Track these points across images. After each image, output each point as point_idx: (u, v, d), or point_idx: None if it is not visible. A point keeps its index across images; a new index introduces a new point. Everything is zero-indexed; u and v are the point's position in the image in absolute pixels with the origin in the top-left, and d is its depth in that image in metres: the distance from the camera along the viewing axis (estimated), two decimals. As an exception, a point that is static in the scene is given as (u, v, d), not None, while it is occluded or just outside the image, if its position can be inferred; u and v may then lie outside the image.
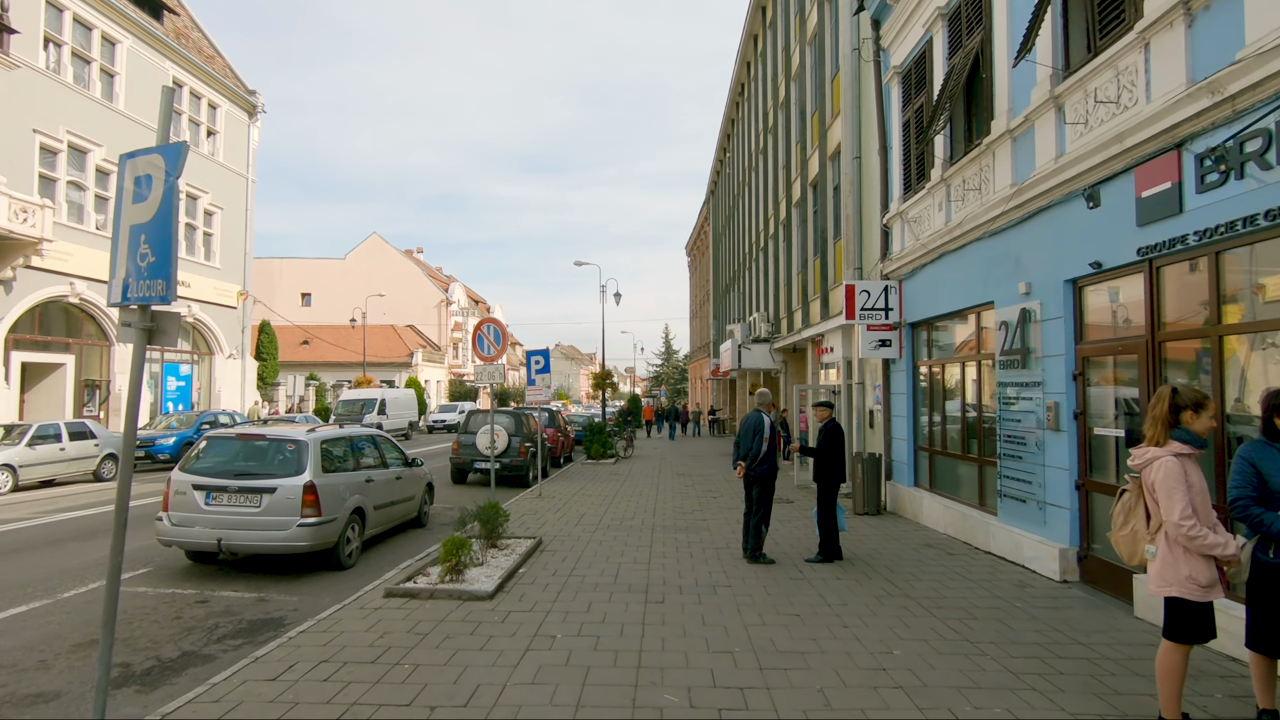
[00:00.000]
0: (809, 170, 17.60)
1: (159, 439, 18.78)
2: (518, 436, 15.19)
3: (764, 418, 7.85)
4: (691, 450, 25.44)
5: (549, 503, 12.07)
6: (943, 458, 9.98)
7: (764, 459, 7.68)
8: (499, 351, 9.16)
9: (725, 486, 14.57)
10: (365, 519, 8.09)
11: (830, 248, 15.64)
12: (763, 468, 7.69)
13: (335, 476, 7.58)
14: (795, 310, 19.37)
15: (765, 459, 7.69)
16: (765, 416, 7.87)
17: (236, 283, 29.64)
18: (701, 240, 52.78)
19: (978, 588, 6.57)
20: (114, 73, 23.18)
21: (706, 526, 9.87)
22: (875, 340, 11.20)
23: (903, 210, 10.80)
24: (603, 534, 9.22)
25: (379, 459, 8.87)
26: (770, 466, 7.72)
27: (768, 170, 23.86)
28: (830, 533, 7.71)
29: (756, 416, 7.83)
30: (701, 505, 11.96)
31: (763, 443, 7.70)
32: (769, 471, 7.72)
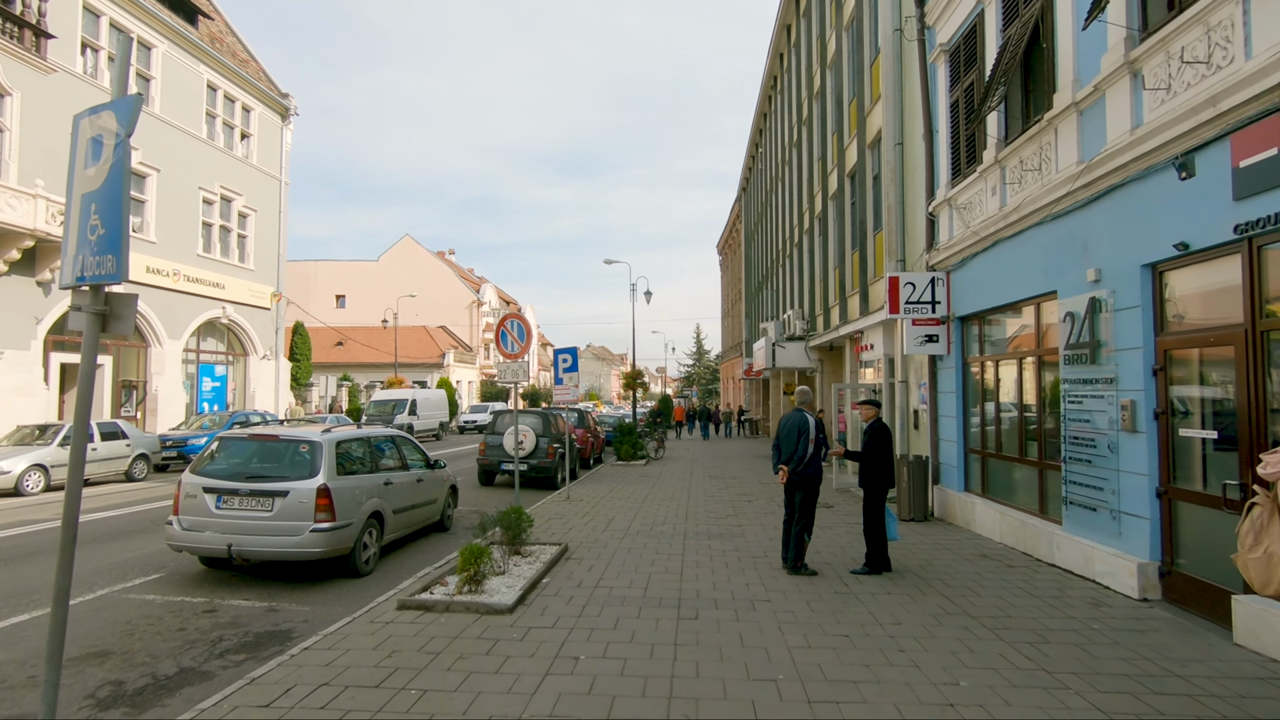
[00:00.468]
0: (846, 160, 16.91)
1: (191, 439, 18.84)
2: (545, 437, 14.80)
3: (807, 418, 7.29)
4: (724, 451, 24.84)
5: (577, 506, 11.64)
6: (997, 461, 9.28)
7: (809, 462, 7.12)
8: (523, 348, 8.75)
9: (760, 490, 13.99)
10: (384, 523, 7.73)
11: (869, 240, 14.94)
12: (808, 472, 7.13)
13: (351, 479, 7.23)
14: (832, 307, 18.67)
15: (810, 462, 7.12)
16: (808, 416, 7.30)
17: (270, 284, 29.88)
18: (733, 239, 52.06)
19: (1047, 606, 5.93)
20: (150, 77, 23.46)
21: (742, 533, 9.32)
22: (921, 336, 10.52)
23: (951, 197, 10.12)
24: (632, 540, 8.74)
25: (399, 460, 8.51)
26: (816, 471, 7.16)
27: (802, 163, 23.16)
28: (878, 542, 7.12)
29: (799, 416, 7.27)
30: (736, 510, 11.41)
31: (807, 444, 7.13)
32: (814, 476, 7.15)
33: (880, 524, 7.12)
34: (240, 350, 28.84)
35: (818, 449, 7.18)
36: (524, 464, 14.60)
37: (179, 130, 24.45)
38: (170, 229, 24.05)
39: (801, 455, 7.11)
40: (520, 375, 8.71)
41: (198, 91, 25.60)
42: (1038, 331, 8.22)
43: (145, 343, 23.64)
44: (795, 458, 7.17)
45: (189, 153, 24.94)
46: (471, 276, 68.96)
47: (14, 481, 12.89)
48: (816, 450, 7.17)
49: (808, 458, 7.14)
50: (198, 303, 25.55)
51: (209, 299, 26.10)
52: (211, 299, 26.23)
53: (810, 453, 7.11)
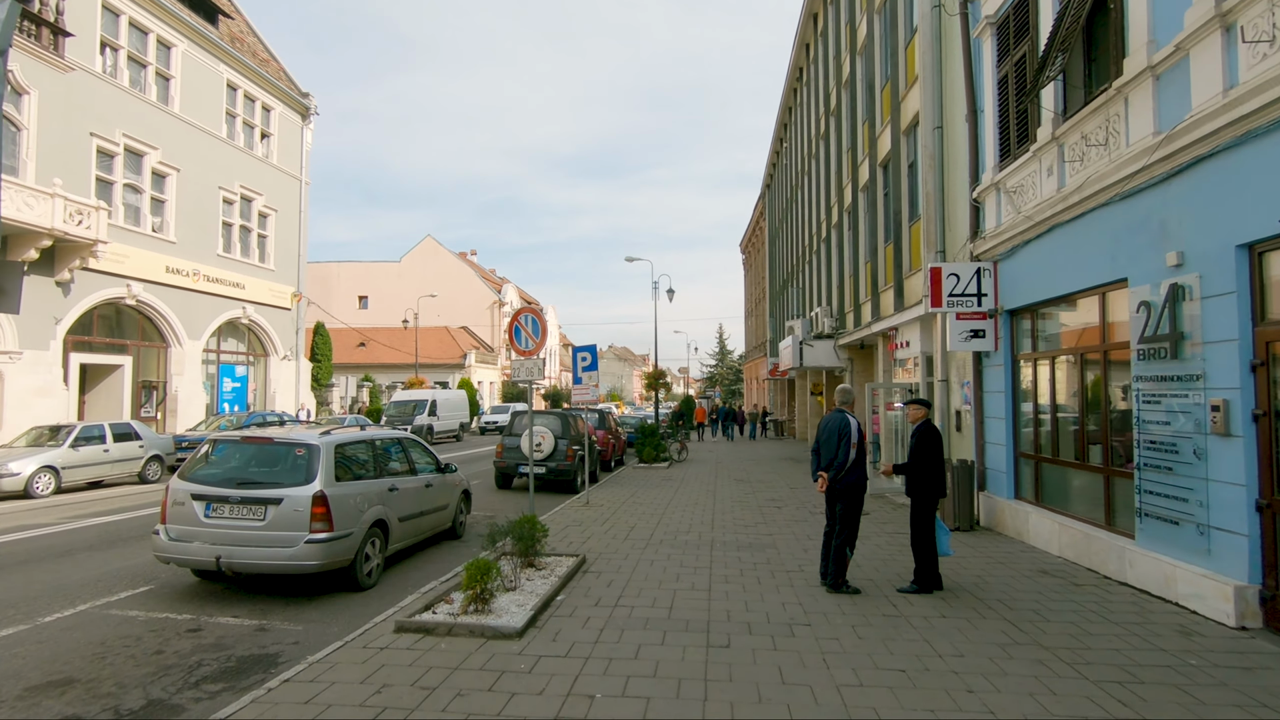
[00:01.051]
0: (878, 149, 16.13)
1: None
2: (564, 439, 14.24)
3: (848, 419, 6.60)
4: (749, 454, 24.10)
5: (596, 512, 11.04)
6: (1053, 466, 8.50)
7: (850, 469, 6.44)
8: (538, 344, 8.17)
9: (789, 495, 13.28)
10: (388, 533, 7.19)
11: (905, 232, 14.17)
12: (848, 479, 6.45)
13: (352, 485, 6.69)
14: (863, 303, 17.88)
15: (852, 469, 6.44)
16: (850, 418, 6.62)
17: (290, 284, 29.75)
18: (756, 237, 51.22)
19: (1129, 635, 5.19)
20: (169, 76, 23.36)
21: (773, 543, 8.65)
22: (966, 331, 9.76)
23: (998, 180, 9.35)
24: (655, 551, 8.11)
25: (406, 464, 7.98)
26: (858, 478, 6.48)
27: (829, 155, 22.37)
28: (928, 557, 6.41)
29: (839, 418, 6.59)
30: (765, 517, 10.73)
31: (848, 449, 6.45)
32: (856, 483, 6.47)
33: (930, 537, 6.42)
34: (261, 351, 28.73)
35: (861, 454, 6.49)
36: (542, 467, 14.06)
37: (199, 130, 24.35)
38: (190, 229, 23.93)
39: (842, 461, 6.44)
40: (535, 373, 8.14)
41: (218, 91, 25.50)
42: (1102, 324, 7.44)
43: (165, 343, 23.52)
44: (835, 464, 6.50)
45: (209, 152, 24.83)
46: (493, 277, 68.84)
47: (23, 483, 12.63)
48: (860, 456, 6.48)
49: (849, 464, 6.46)
50: (218, 303, 25.43)
51: (229, 299, 25.98)
52: (232, 299, 26.11)
53: (852, 458, 6.43)
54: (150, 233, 22.46)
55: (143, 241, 22.03)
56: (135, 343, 22.59)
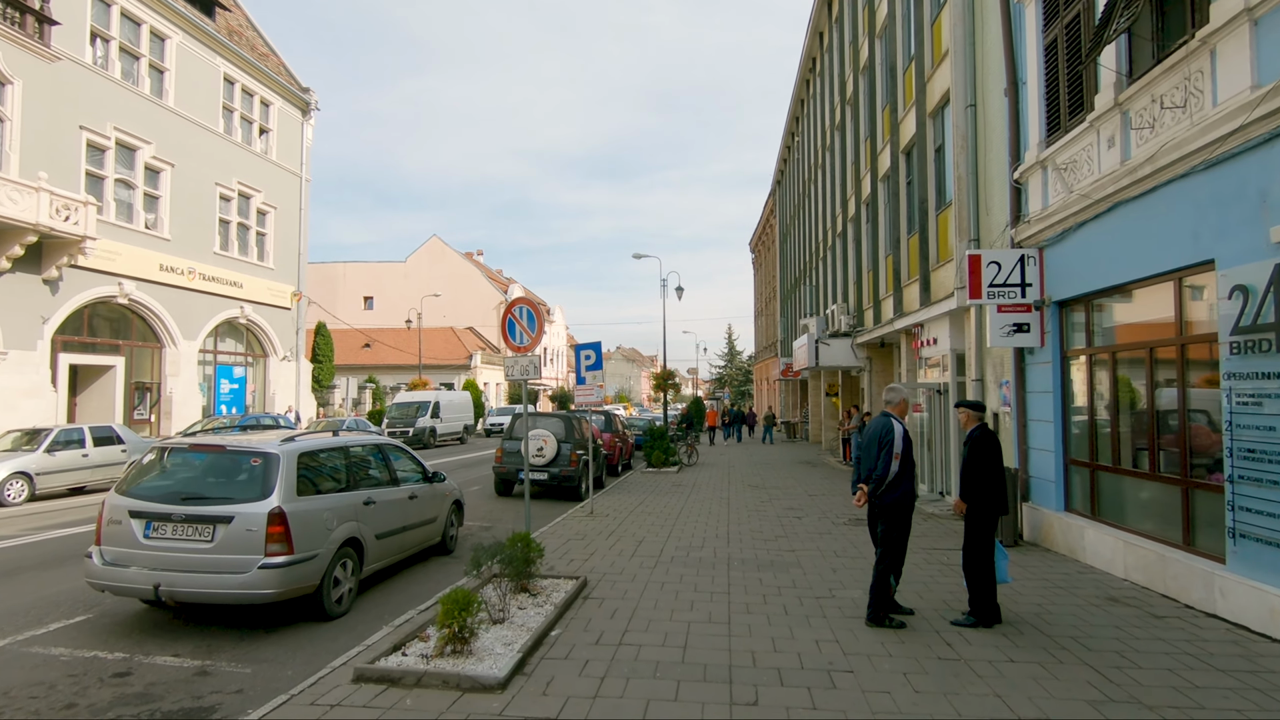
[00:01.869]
0: (901, 135, 15.19)
1: (197, 444, 17.80)
2: (568, 443, 13.38)
3: (893, 425, 5.70)
4: (761, 457, 23.17)
5: (601, 523, 10.17)
6: (1114, 475, 7.56)
7: (895, 482, 5.54)
8: (534, 339, 7.31)
9: (808, 503, 12.36)
10: (363, 552, 6.34)
11: (931, 222, 13.23)
12: (892, 495, 5.55)
13: (318, 500, 5.84)
14: (883, 299, 16.93)
15: (897, 481, 5.54)
16: (895, 423, 5.71)
17: (290, 283, 29.06)
18: (767, 235, 50.25)
19: (1246, 689, 4.26)
20: (163, 69, 22.69)
21: (797, 561, 7.74)
22: (1008, 325, 8.83)
23: (1046, 157, 8.42)
24: (665, 571, 7.23)
25: (386, 474, 7.12)
26: (904, 493, 5.57)
27: (845, 146, 21.43)
28: (984, 585, 5.49)
29: (882, 423, 5.69)
30: (785, 529, 9.82)
31: (890, 459, 5.56)
32: (901, 501, 5.57)
33: (987, 561, 5.50)
34: (260, 351, 28.04)
35: (906, 466, 5.58)
36: (544, 473, 13.22)
37: (194, 124, 23.66)
38: (185, 226, 23.24)
39: (884, 473, 5.54)
40: (530, 371, 7.28)
41: (214, 84, 24.81)
42: (1179, 313, 6.50)
43: (159, 343, 22.83)
44: (874, 476, 5.60)
45: (205, 147, 24.14)
46: (500, 277, 68.14)
47: (-6, 491, 11.89)
48: (905, 468, 5.57)
49: (891, 476, 5.57)
50: (215, 302, 24.74)
51: (226, 298, 25.29)
52: (229, 298, 25.42)
53: (895, 470, 5.54)
54: (143, 230, 21.77)
55: (135, 238, 21.34)
56: (128, 343, 21.90)
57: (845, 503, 12.48)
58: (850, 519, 10.71)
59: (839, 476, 16.79)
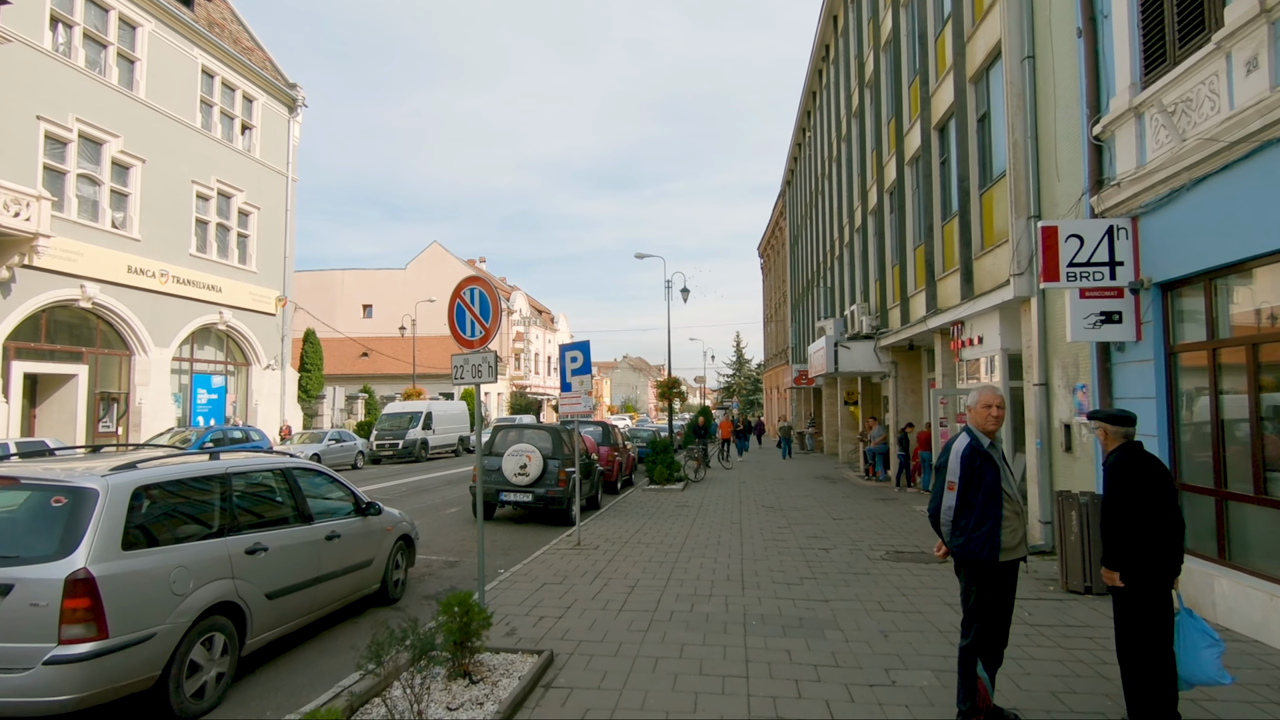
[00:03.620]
0: (933, 109, 13.46)
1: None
2: (556, 459, 11.64)
3: (955, 442, 3.95)
4: (775, 472, 21.32)
5: (588, 558, 8.42)
6: (1259, 509, 5.74)
7: (970, 523, 3.78)
8: (487, 331, 5.57)
9: (834, 529, 10.56)
10: (245, 621, 4.61)
11: (974, 202, 11.47)
12: (966, 541, 3.79)
13: (162, 554, 4.12)
14: (912, 296, 15.16)
15: (979, 524, 3.77)
16: (962, 439, 3.95)
17: (275, 288, 27.51)
18: (775, 239, 48.57)
19: None
20: (134, 58, 21.23)
21: (833, 618, 5.96)
22: (1093, 315, 7.05)
23: (1144, 100, 6.66)
24: (660, 637, 5.47)
25: (290, 509, 5.38)
26: (983, 539, 3.77)
27: (865, 132, 19.71)
28: (1158, 686, 3.61)
29: (964, 445, 3.93)
30: (811, 567, 8.03)
31: (975, 492, 3.80)
32: (979, 549, 3.77)
33: (1163, 653, 3.65)
34: (241, 359, 26.45)
35: (982, 498, 3.79)
36: (528, 494, 11.48)
37: (168, 118, 22.17)
38: (158, 225, 21.70)
39: (934, 508, 3.82)
40: (484, 372, 5.54)
41: (191, 77, 23.35)
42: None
43: (128, 350, 21.23)
44: (929, 511, 3.88)
45: (180, 143, 22.65)
46: (502, 285, 66.66)
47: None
48: (980, 502, 3.79)
49: (946, 514, 3.83)
50: (190, 306, 23.16)
51: (204, 303, 23.70)
52: (207, 303, 23.83)
53: (951, 505, 3.79)
54: (110, 229, 20.22)
55: (100, 238, 19.80)
56: (92, 350, 20.32)
57: (876, 528, 10.67)
58: (888, 551, 8.91)
59: (862, 495, 14.96)
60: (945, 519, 3.85)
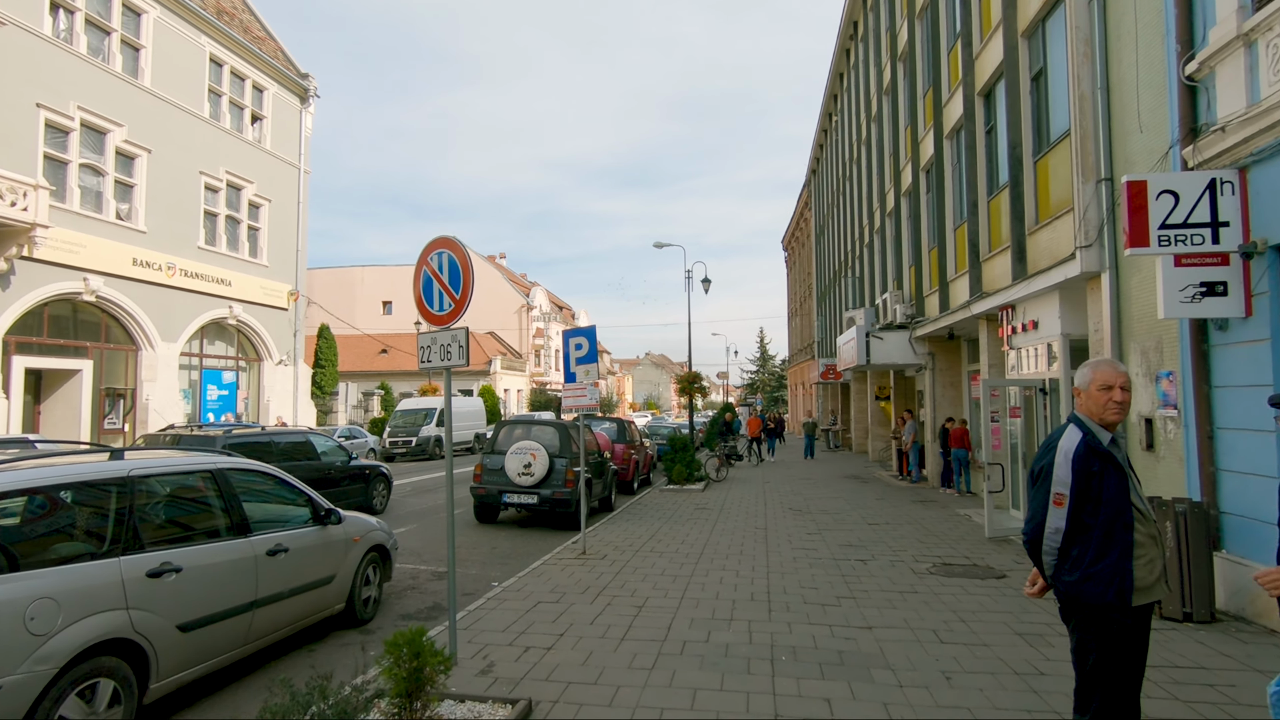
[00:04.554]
0: (976, 74, 12.23)
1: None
2: (564, 458, 10.68)
3: (1063, 440, 2.87)
4: (800, 471, 20.17)
5: (592, 570, 7.43)
6: None
7: (1101, 551, 2.72)
8: (458, 303, 4.60)
9: (870, 536, 9.45)
10: (148, 662, 3.69)
11: (1027, 170, 10.26)
12: (1082, 578, 2.74)
13: (13, 584, 3.18)
14: (952, 280, 13.93)
15: (1104, 552, 2.72)
16: (1071, 434, 2.86)
17: (287, 282, 26.96)
18: (800, 231, 47.21)
19: None
20: (139, 46, 20.67)
21: (880, 654, 4.90)
22: (1191, 286, 5.88)
23: (1255, 25, 5.48)
24: (668, 680, 4.46)
25: (222, 518, 4.46)
26: (1104, 575, 2.71)
27: (897, 110, 18.45)
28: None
29: (1054, 436, 2.88)
30: (848, 582, 6.96)
31: (1046, 505, 2.77)
32: (1102, 588, 2.71)
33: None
34: (253, 355, 25.92)
35: (1119, 519, 2.73)
36: (532, 495, 10.54)
37: (175, 107, 21.60)
38: (164, 217, 21.15)
39: (1034, 533, 2.79)
40: (454, 354, 4.56)
41: (199, 66, 22.79)
42: None
43: (134, 345, 20.72)
44: (1027, 536, 2.84)
45: (188, 133, 22.09)
46: (522, 281, 66.07)
47: None
48: (1116, 524, 2.72)
49: (1051, 537, 2.78)
50: (199, 301, 22.62)
51: (213, 297, 23.16)
52: (216, 297, 23.29)
53: (1061, 527, 2.74)
54: (114, 220, 19.67)
55: (104, 230, 19.26)
56: (97, 345, 19.81)
57: (918, 535, 9.55)
58: (935, 563, 7.80)
59: (898, 496, 13.80)
60: (1050, 545, 2.79)
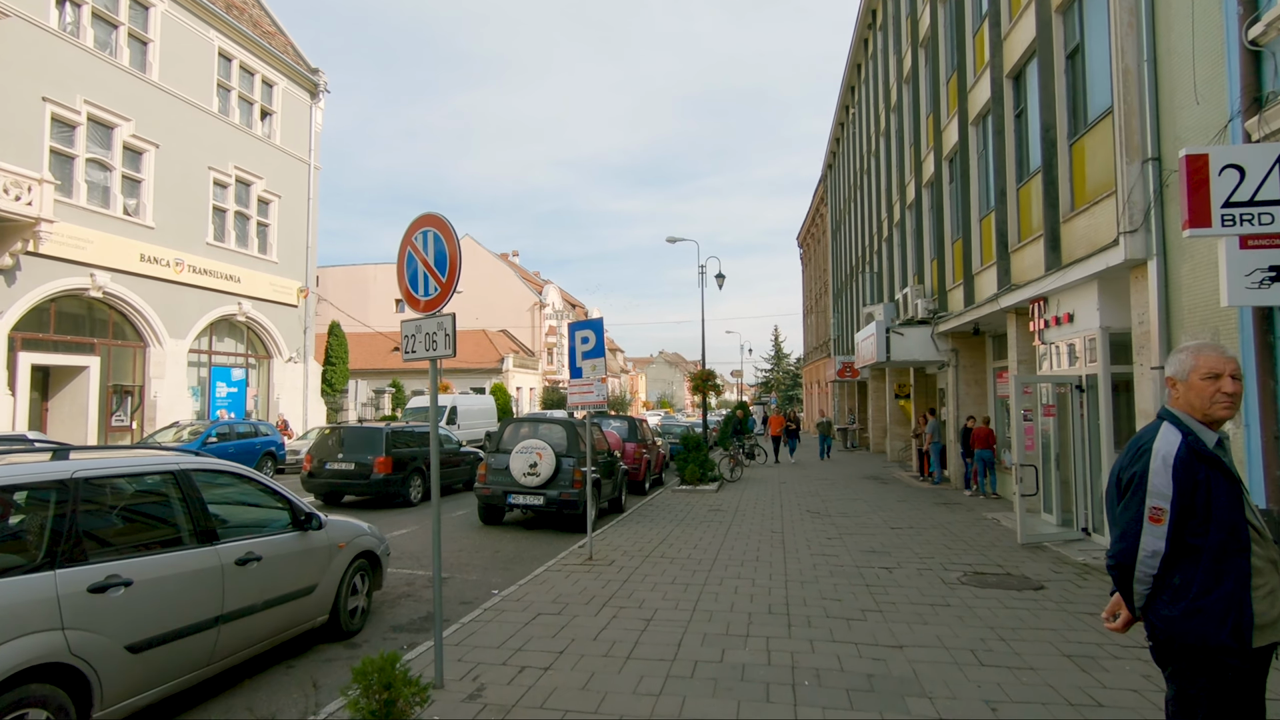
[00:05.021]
0: (1005, 55, 11.63)
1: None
2: (571, 457, 10.23)
3: (1158, 441, 2.35)
4: (818, 471, 19.61)
5: (598, 577, 6.97)
6: None
7: (1211, 580, 2.22)
8: (444, 287, 4.15)
9: (895, 541, 8.92)
10: (90, 688, 3.27)
11: (1061, 154, 9.66)
12: (1208, 620, 2.22)
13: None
14: (978, 273, 13.33)
15: (1215, 580, 2.22)
16: (1166, 435, 2.35)
17: (297, 278, 26.78)
18: (816, 226, 46.48)
19: None
20: (146, 40, 20.49)
21: (914, 677, 4.40)
22: (1259, 270, 5.30)
23: (1336, -23, 4.92)
24: (677, 704, 3.98)
25: (186, 525, 4.04)
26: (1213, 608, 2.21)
27: (919, 98, 17.83)
28: None
29: (1143, 436, 2.39)
30: (873, 592, 6.45)
31: (1140, 519, 2.27)
32: (1208, 628, 2.20)
33: None
34: (263, 352, 25.74)
35: (1234, 540, 2.23)
36: (538, 496, 10.10)
37: (183, 102, 21.42)
38: (172, 213, 20.97)
39: (1124, 556, 2.30)
40: (440, 343, 4.12)
41: (208, 60, 22.60)
42: None
43: (142, 342, 20.56)
44: (1113, 560, 2.33)
45: (196, 128, 21.90)
46: (535, 278, 65.79)
47: None
48: (1230, 546, 2.22)
49: (1148, 561, 2.27)
50: (207, 297, 22.45)
51: (222, 293, 22.99)
52: (225, 293, 23.12)
53: (1161, 550, 2.23)
54: (122, 216, 19.51)
55: (111, 225, 19.09)
56: (104, 341, 19.65)
57: (945, 540, 9.01)
58: (966, 572, 7.27)
59: (920, 498, 13.23)
60: (1144, 572, 2.28)
